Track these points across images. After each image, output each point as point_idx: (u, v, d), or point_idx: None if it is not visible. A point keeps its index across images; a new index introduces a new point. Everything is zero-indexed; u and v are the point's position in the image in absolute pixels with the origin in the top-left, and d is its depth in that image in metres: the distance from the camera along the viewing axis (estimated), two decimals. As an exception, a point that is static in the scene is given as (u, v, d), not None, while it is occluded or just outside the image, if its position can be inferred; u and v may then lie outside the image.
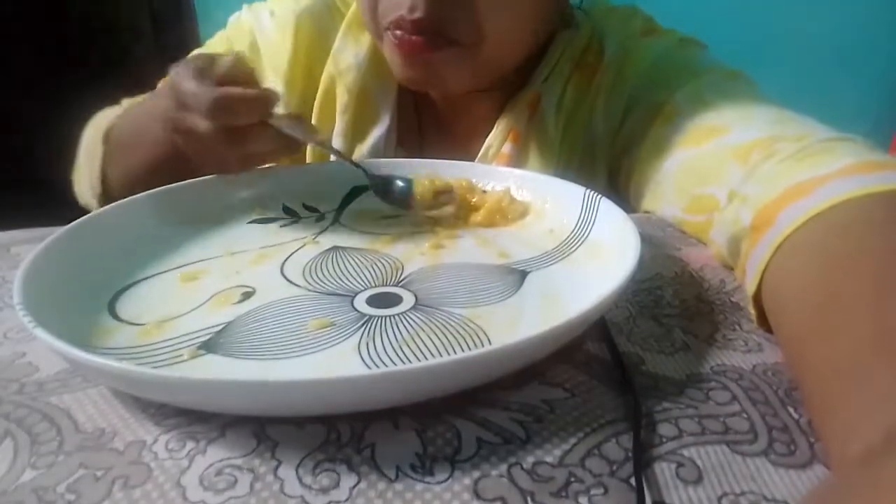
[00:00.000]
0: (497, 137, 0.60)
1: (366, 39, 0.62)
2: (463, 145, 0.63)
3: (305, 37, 0.64)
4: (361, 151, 0.63)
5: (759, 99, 0.49)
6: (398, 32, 0.52)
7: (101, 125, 0.61)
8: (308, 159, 0.65)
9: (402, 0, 0.50)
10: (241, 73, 0.45)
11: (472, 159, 0.60)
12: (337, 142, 0.63)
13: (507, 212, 0.47)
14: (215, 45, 0.67)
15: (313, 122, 0.64)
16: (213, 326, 0.33)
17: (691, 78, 0.53)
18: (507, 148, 0.60)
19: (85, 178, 0.62)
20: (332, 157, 0.55)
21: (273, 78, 0.64)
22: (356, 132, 0.63)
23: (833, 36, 1.10)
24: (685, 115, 0.50)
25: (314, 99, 0.64)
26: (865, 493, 0.19)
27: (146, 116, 0.56)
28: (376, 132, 0.63)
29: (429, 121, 0.66)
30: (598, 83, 0.59)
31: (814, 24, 1.11)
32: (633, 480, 0.24)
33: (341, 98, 0.63)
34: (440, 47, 0.52)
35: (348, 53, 0.62)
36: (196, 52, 0.61)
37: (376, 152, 0.62)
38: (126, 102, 0.65)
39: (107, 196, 0.60)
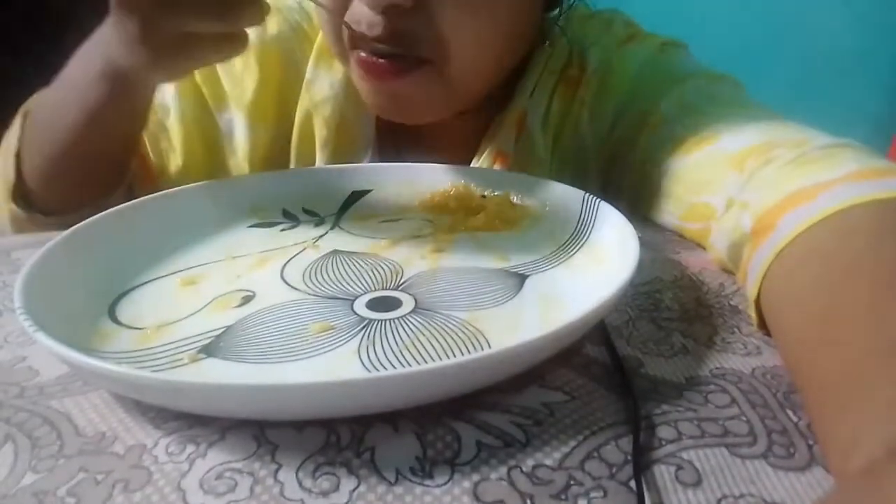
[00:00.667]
0: (484, 163, 0.58)
1: (339, 65, 0.58)
2: None
3: (275, 68, 0.59)
4: None
5: (747, 103, 0.49)
6: (361, 54, 0.48)
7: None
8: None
9: (360, 17, 0.46)
10: None
11: None
12: None
13: (507, 216, 0.47)
14: None
15: (292, 158, 0.61)
16: (213, 330, 0.33)
17: (675, 85, 0.52)
18: None
19: None
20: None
21: (234, 107, 0.59)
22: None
23: (832, 38, 1.10)
24: (672, 124, 0.50)
25: (290, 135, 0.61)
26: (868, 501, 0.19)
27: (75, 71, 0.48)
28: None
29: (410, 147, 0.62)
30: (581, 95, 0.58)
31: (812, 27, 1.11)
32: (632, 483, 0.24)
33: (320, 132, 0.59)
34: (407, 71, 0.48)
35: (323, 84, 0.58)
36: None
37: None
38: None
39: (21, 191, 0.50)
